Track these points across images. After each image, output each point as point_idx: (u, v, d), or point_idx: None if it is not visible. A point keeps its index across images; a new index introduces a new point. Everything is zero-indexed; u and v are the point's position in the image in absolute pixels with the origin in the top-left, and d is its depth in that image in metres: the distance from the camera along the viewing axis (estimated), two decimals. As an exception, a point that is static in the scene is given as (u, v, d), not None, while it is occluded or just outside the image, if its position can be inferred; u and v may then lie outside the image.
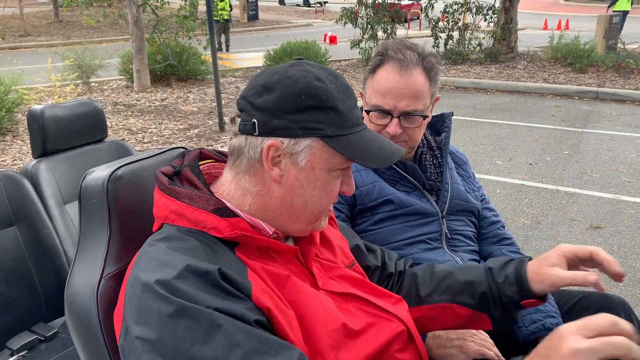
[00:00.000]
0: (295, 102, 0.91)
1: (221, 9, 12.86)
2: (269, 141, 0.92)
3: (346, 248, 1.20)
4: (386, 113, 1.52)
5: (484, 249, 1.72)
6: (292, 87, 0.92)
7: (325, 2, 33.30)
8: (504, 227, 1.78)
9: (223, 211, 0.93)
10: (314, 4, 34.13)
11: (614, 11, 13.58)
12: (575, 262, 1.09)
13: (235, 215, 0.94)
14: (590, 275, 0.92)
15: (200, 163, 1.06)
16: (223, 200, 0.96)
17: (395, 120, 1.51)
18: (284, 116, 0.92)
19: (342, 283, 1.07)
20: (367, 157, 0.95)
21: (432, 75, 1.54)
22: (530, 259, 1.15)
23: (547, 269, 1.07)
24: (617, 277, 1.03)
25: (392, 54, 1.51)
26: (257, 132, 0.93)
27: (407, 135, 1.54)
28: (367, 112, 1.56)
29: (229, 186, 0.99)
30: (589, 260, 1.06)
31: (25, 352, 1.82)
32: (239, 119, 0.96)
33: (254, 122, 0.93)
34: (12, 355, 1.80)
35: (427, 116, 1.53)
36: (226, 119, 5.89)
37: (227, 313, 0.80)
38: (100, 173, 1.07)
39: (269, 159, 0.93)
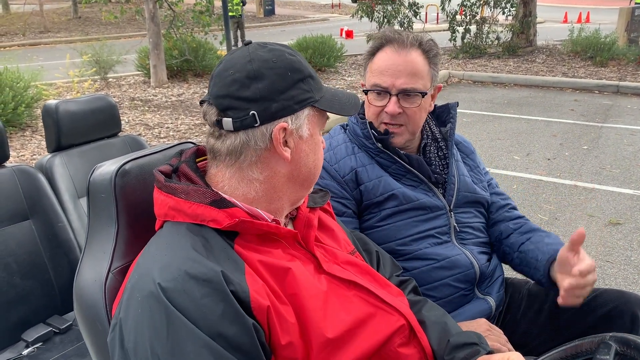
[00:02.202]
0: (285, 81, 0.95)
1: (236, 4, 12.88)
2: (276, 126, 0.94)
3: (346, 237, 1.21)
4: (384, 92, 1.51)
5: (494, 230, 1.70)
6: (276, 68, 0.95)
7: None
8: (514, 209, 1.75)
9: (220, 202, 0.94)
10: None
11: (636, 3, 13.29)
12: None
13: (232, 205, 0.95)
14: None
15: (199, 159, 1.06)
16: (219, 191, 0.96)
17: (393, 99, 1.51)
18: (280, 97, 0.94)
19: (347, 269, 1.07)
20: (345, 108, 1.05)
21: (431, 57, 1.54)
22: (490, 352, 1.09)
23: None
24: None
25: (390, 36, 1.54)
26: (258, 122, 0.93)
27: (406, 116, 1.52)
28: (366, 92, 1.56)
29: (229, 182, 0.99)
30: None
31: (40, 344, 1.85)
32: (228, 119, 0.94)
33: (253, 113, 0.93)
34: (27, 347, 1.83)
35: (425, 93, 1.52)
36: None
37: (219, 337, 0.81)
38: (108, 168, 1.07)
39: (281, 142, 0.96)
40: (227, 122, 0.94)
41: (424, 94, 1.51)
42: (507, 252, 1.65)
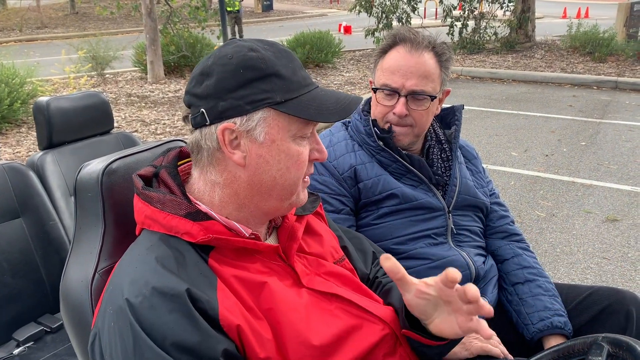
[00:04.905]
0: (235, 79, 0.90)
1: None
2: (221, 125, 0.91)
3: (335, 243, 1.17)
4: (393, 92, 1.50)
5: (491, 243, 1.68)
6: (228, 64, 0.91)
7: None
8: (513, 223, 1.74)
9: (195, 215, 0.91)
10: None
11: (635, -2, 13.26)
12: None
13: (208, 218, 0.92)
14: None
15: (182, 162, 1.04)
16: (197, 202, 0.94)
17: (402, 100, 1.49)
18: (228, 96, 0.90)
19: (329, 281, 1.04)
20: (323, 113, 0.93)
21: (443, 61, 1.52)
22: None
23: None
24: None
25: (404, 35, 1.51)
26: (207, 121, 0.91)
27: (413, 118, 1.51)
28: (375, 90, 1.54)
29: (198, 184, 0.98)
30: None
31: (32, 343, 1.84)
32: (190, 116, 0.94)
33: (202, 111, 0.91)
34: (18, 346, 1.81)
35: (435, 97, 1.50)
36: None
37: (186, 351, 0.79)
38: (95, 166, 1.05)
39: (227, 143, 0.92)
40: (190, 118, 0.95)
41: (433, 98, 1.50)
42: (504, 287, 1.64)
